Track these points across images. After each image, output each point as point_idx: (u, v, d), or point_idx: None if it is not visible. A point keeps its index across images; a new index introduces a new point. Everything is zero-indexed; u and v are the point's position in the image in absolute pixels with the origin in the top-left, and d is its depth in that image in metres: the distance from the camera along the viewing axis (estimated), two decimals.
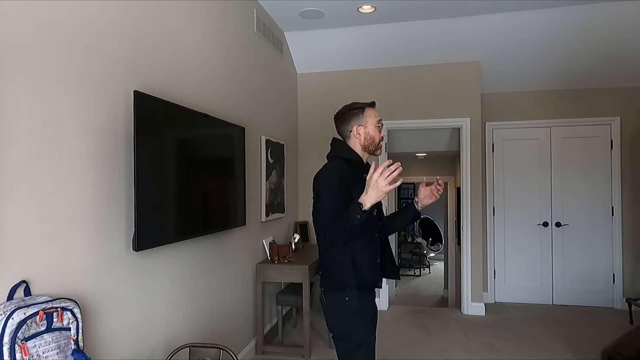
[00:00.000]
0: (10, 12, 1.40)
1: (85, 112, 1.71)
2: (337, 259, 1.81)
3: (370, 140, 1.91)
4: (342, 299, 1.80)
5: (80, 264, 1.69)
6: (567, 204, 4.75)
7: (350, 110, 1.94)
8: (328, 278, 1.84)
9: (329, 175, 1.82)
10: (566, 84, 4.66)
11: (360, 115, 1.92)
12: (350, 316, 1.80)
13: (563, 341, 3.66)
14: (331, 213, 1.69)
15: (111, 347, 1.85)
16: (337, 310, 1.82)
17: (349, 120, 1.93)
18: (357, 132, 1.91)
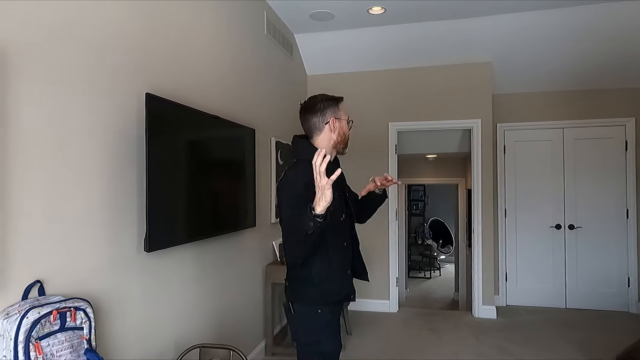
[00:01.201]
0: (23, 14, 1.42)
1: (97, 114, 1.74)
2: (303, 275, 1.64)
3: (342, 136, 1.76)
4: (314, 311, 1.67)
5: (92, 265, 1.71)
6: (581, 206, 4.68)
7: (327, 100, 1.73)
8: (296, 293, 1.69)
9: (292, 187, 1.58)
10: (579, 85, 4.60)
11: (336, 107, 1.75)
12: (321, 327, 1.69)
13: (576, 345, 3.60)
14: (288, 230, 1.54)
15: (123, 347, 1.87)
16: (308, 323, 1.69)
17: (323, 111, 1.72)
18: (332, 125, 1.71)
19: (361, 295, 4.66)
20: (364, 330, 4.00)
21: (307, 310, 1.68)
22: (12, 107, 1.37)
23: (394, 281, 4.62)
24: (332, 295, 1.69)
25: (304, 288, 1.67)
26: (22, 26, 1.41)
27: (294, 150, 1.79)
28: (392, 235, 4.61)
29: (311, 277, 1.64)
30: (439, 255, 8.99)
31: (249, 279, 3.20)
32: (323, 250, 1.62)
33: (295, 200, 1.52)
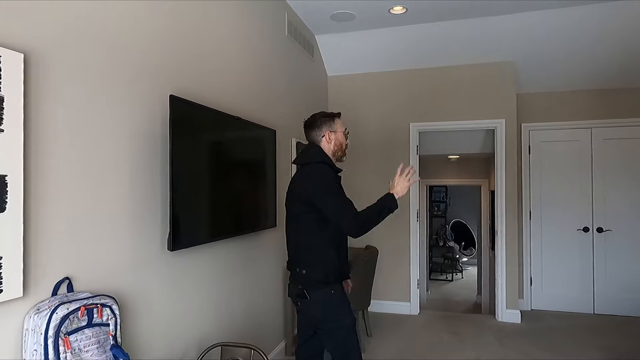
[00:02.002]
0: (51, 19, 1.47)
1: (123, 116, 1.78)
2: (329, 257, 2.00)
3: (339, 145, 2.11)
4: (328, 292, 1.98)
5: (118, 263, 1.75)
6: (610, 209, 4.53)
7: (323, 117, 2.11)
8: (312, 276, 1.97)
9: (328, 178, 1.99)
10: (608, 83, 4.46)
11: (331, 122, 2.10)
12: (337, 305, 2.00)
13: (605, 352, 3.49)
14: (351, 208, 1.92)
15: (146, 344, 1.91)
16: (325, 304, 1.98)
17: (320, 127, 2.09)
18: (328, 138, 2.09)
19: (382, 297, 4.64)
20: (384, 332, 3.97)
21: (323, 292, 1.97)
22: (42, 110, 1.42)
23: (415, 283, 4.57)
24: (342, 273, 2.06)
25: (324, 270, 1.98)
26: (51, 30, 1.46)
27: (311, 153, 2.10)
28: (413, 236, 4.57)
29: (334, 259, 2.01)
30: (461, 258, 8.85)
31: (269, 279, 3.22)
32: (339, 236, 2.04)
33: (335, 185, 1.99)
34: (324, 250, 1.99)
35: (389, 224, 4.61)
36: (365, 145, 4.71)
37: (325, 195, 1.94)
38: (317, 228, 1.98)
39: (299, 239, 2.02)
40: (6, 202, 1.25)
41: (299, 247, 2.03)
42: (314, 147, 2.11)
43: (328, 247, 2.00)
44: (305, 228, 2.00)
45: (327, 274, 1.98)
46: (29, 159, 1.36)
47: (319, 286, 1.97)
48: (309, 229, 1.99)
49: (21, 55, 1.31)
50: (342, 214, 1.91)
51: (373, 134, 4.69)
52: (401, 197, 1.99)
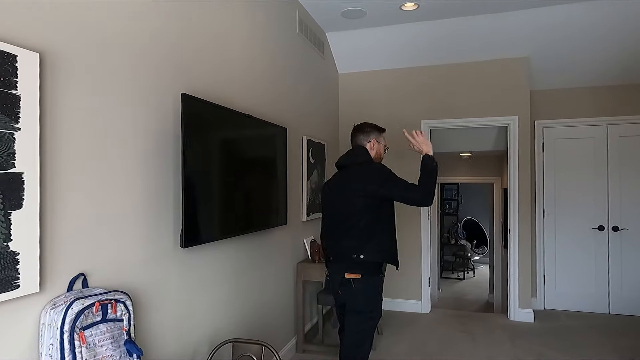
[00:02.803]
0: (68, 21, 1.49)
1: (137, 115, 1.80)
2: (385, 246, 2.27)
3: (378, 155, 2.42)
4: (374, 281, 2.26)
5: (131, 259, 1.77)
6: (626, 207, 4.45)
7: (373, 127, 2.43)
8: (365, 264, 2.21)
9: (383, 169, 2.29)
10: (625, 79, 4.37)
11: (378, 134, 2.43)
12: (375, 295, 2.28)
13: (621, 353, 3.43)
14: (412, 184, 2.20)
15: (159, 339, 1.93)
16: (366, 293, 2.24)
17: (369, 133, 2.40)
18: (372, 145, 2.39)
19: (393, 295, 4.63)
20: (395, 330, 3.96)
21: (366, 280, 2.22)
22: (58, 109, 1.44)
23: (426, 281, 4.54)
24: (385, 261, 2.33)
25: (376, 259, 2.24)
26: (66, 30, 1.48)
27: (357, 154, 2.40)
28: (425, 234, 4.54)
29: (389, 247, 2.29)
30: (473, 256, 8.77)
31: (281, 276, 3.23)
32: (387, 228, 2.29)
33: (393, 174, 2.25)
34: (382, 240, 2.25)
35: (400, 222, 4.58)
36: None
37: (388, 181, 2.21)
38: (376, 220, 2.23)
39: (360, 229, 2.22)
40: (23, 199, 1.28)
41: (360, 237, 2.23)
42: (361, 149, 2.38)
43: (385, 236, 2.26)
44: (366, 220, 2.22)
45: (382, 260, 2.28)
46: (45, 156, 1.39)
47: (370, 274, 2.23)
48: (369, 220, 2.22)
49: (37, 54, 1.33)
50: (409, 191, 2.18)
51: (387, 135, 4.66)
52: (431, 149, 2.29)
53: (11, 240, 1.24)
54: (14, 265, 1.25)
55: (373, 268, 2.25)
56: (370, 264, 2.23)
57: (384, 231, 2.27)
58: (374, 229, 2.23)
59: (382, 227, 2.26)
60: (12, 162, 1.25)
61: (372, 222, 2.23)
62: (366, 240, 2.22)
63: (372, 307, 2.26)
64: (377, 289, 2.29)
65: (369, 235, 2.22)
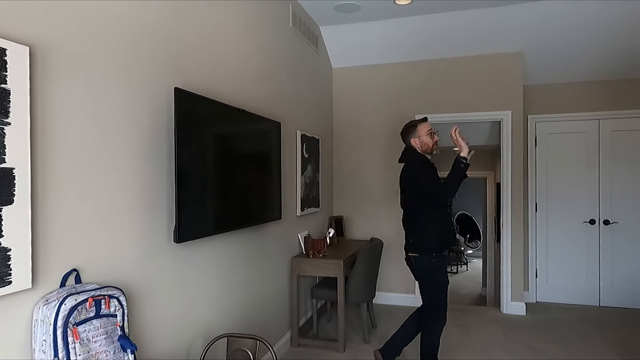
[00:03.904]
0: (58, 14, 1.47)
1: (130, 109, 1.78)
2: (430, 234, 2.64)
3: (425, 146, 2.72)
4: (430, 259, 2.65)
5: (125, 254, 1.76)
6: (617, 201, 4.49)
7: (408, 128, 2.77)
8: (419, 246, 2.67)
9: (420, 168, 2.67)
10: (616, 75, 4.40)
11: (414, 131, 2.73)
12: (433, 271, 2.68)
13: (612, 345, 3.48)
14: (437, 183, 2.60)
15: (153, 335, 1.93)
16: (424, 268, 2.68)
17: (407, 135, 2.77)
18: (414, 143, 2.74)
19: (387, 289, 4.65)
20: (389, 324, 3.99)
21: (424, 258, 2.66)
22: (48, 103, 1.43)
23: None
24: (442, 244, 2.67)
25: (427, 241, 2.65)
26: (57, 24, 1.46)
27: (404, 154, 2.81)
28: None
29: (432, 233, 2.65)
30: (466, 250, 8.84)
31: (275, 271, 3.24)
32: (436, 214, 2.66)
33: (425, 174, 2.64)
34: (427, 225, 2.65)
35: (395, 217, 4.61)
36: (370, 137, 4.70)
37: (419, 180, 2.64)
38: (420, 208, 2.67)
39: (412, 217, 2.71)
40: (14, 194, 1.27)
41: (411, 223, 2.71)
42: (406, 149, 2.79)
43: (429, 223, 2.65)
44: (413, 208, 2.70)
45: (428, 243, 2.64)
46: (36, 151, 1.37)
47: (423, 252, 2.65)
48: (415, 209, 2.69)
49: (27, 48, 1.31)
50: (432, 189, 2.60)
51: (378, 125, 4.67)
52: (467, 152, 2.58)
53: (2, 236, 1.23)
54: (6, 261, 1.24)
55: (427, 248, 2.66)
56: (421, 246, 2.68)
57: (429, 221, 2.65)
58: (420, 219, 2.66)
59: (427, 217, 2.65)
60: (2, 158, 1.23)
61: (419, 213, 2.68)
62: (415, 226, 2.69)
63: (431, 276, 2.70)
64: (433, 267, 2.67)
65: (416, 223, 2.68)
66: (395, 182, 4.60)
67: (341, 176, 4.79)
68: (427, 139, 2.71)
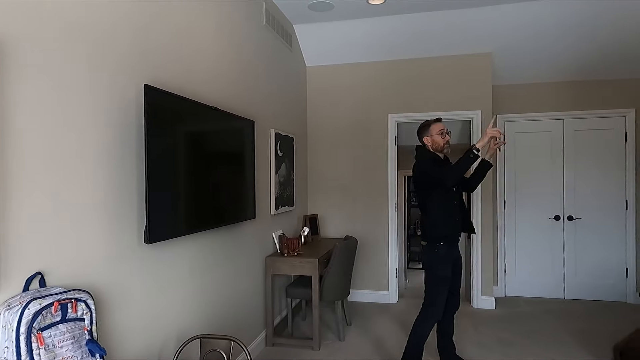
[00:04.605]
0: (21, 9, 1.41)
1: (97, 106, 1.73)
2: (434, 223, 2.78)
3: (436, 144, 2.83)
4: (433, 248, 2.77)
5: (93, 256, 1.71)
6: (580, 198, 4.69)
7: (422, 126, 2.89)
8: (426, 236, 2.81)
9: (426, 162, 2.79)
10: (579, 76, 4.58)
11: (427, 129, 2.85)
12: (436, 259, 2.76)
13: (575, 336, 3.63)
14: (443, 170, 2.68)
15: (124, 338, 1.88)
16: (429, 255, 2.80)
17: (420, 134, 2.89)
18: (426, 141, 2.86)
19: (361, 286, 4.70)
20: (363, 321, 4.03)
21: (429, 247, 2.79)
22: (9, 100, 1.37)
23: (394, 272, 4.64)
24: (444, 235, 2.75)
25: (432, 230, 2.77)
26: (20, 18, 1.40)
27: (416, 151, 2.92)
28: (392, 226, 4.63)
29: (436, 223, 2.77)
30: None
31: (249, 271, 3.21)
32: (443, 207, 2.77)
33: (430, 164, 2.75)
34: (432, 216, 2.78)
35: (368, 213, 4.65)
36: (344, 135, 4.72)
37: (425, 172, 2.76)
38: (428, 200, 2.80)
39: (422, 208, 2.87)
40: None
41: (422, 214, 2.88)
42: (419, 146, 2.93)
43: (434, 213, 2.77)
44: (423, 200, 2.85)
45: (433, 232, 2.76)
46: None
47: (428, 241, 2.79)
48: (424, 201, 2.83)
49: None
50: (435, 173, 2.70)
51: (352, 124, 4.70)
52: (482, 146, 2.55)
53: None
54: None
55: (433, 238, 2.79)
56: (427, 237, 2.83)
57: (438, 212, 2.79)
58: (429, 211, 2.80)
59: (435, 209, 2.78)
60: None
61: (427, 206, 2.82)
62: (425, 218, 2.86)
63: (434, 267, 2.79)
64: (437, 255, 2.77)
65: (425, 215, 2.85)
66: (369, 180, 4.65)
67: (316, 175, 4.80)
68: (438, 138, 2.83)
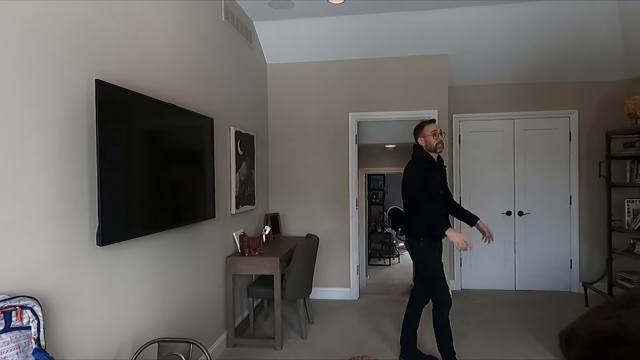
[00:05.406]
0: None
1: (42, 102, 1.63)
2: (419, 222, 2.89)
3: (429, 145, 2.94)
4: (418, 243, 2.92)
5: (41, 261, 1.62)
6: (529, 194, 4.94)
7: (417, 127, 3.03)
8: (412, 231, 2.94)
9: (417, 167, 2.93)
10: (528, 78, 4.82)
11: (420, 131, 2.99)
12: (425, 252, 2.91)
13: (526, 325, 3.83)
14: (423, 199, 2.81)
15: (76, 345, 1.80)
16: (415, 249, 2.96)
17: (416, 133, 3.03)
18: (421, 141, 2.99)
19: (323, 284, 4.72)
20: (325, 319, 4.05)
21: (414, 242, 2.94)
22: None
23: (355, 269, 4.70)
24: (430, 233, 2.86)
25: (417, 228, 2.90)
26: None
27: (414, 151, 3.03)
28: (353, 224, 4.68)
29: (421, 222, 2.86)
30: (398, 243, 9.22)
31: (210, 271, 3.15)
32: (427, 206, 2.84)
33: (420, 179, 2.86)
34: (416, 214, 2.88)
35: (329, 212, 4.68)
36: (305, 133, 4.72)
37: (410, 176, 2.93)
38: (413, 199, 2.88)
39: (409, 207, 2.96)
40: None
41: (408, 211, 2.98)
42: (414, 146, 3.03)
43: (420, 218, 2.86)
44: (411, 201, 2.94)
45: (418, 230, 2.89)
46: None
47: (413, 237, 2.93)
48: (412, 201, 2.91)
49: None
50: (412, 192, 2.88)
51: (313, 123, 4.71)
52: (449, 238, 2.73)
53: None
54: None
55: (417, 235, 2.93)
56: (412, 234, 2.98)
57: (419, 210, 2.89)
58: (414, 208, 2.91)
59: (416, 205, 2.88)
60: None
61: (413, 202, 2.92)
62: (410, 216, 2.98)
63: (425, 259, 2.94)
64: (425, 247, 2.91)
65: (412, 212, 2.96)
66: (330, 178, 4.68)
67: (277, 173, 4.77)
68: (430, 139, 2.94)
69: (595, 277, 4.69)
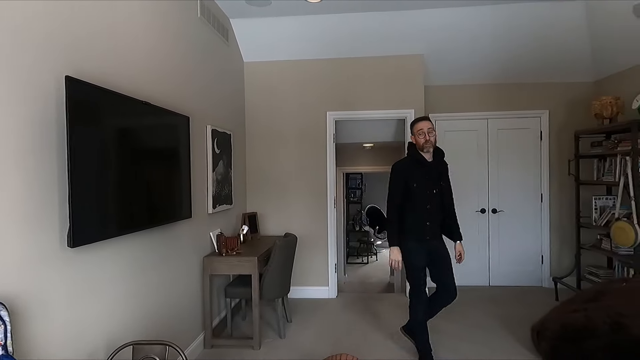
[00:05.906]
0: None
1: (11, 99, 1.57)
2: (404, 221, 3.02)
3: (418, 144, 2.97)
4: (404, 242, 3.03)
5: (7, 264, 1.56)
6: (503, 192, 5.06)
7: (410, 125, 3.07)
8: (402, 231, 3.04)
9: (402, 169, 3.04)
10: (501, 78, 4.94)
11: (411, 129, 3.04)
12: (407, 252, 3.02)
13: (499, 320, 3.93)
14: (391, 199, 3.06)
15: (47, 350, 1.74)
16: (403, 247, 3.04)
17: (411, 131, 3.07)
18: (412, 139, 3.05)
19: (301, 282, 4.72)
20: (304, 317, 4.06)
21: (402, 241, 3.03)
22: None
23: (333, 268, 4.71)
24: (413, 235, 3.01)
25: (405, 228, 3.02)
26: None
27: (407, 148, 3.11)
28: (331, 223, 4.70)
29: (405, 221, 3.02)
30: (375, 241, 9.30)
31: (186, 272, 3.11)
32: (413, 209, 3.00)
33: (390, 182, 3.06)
34: (405, 216, 3.02)
35: (307, 211, 4.69)
36: (282, 132, 4.71)
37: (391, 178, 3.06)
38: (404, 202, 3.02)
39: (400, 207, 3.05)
40: None
41: None
42: (409, 145, 3.09)
43: (407, 214, 3.01)
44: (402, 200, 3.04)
45: (403, 231, 3.01)
46: None
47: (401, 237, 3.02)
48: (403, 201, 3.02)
49: None
50: (388, 194, 3.08)
51: (290, 121, 4.70)
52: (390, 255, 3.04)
53: None
54: None
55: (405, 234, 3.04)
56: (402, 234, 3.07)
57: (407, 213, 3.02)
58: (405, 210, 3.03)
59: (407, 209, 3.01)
60: None
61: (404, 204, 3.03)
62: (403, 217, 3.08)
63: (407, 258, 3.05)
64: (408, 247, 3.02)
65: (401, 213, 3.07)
66: (308, 177, 4.68)
67: (254, 172, 4.74)
68: (418, 138, 2.98)
69: (565, 272, 4.85)
